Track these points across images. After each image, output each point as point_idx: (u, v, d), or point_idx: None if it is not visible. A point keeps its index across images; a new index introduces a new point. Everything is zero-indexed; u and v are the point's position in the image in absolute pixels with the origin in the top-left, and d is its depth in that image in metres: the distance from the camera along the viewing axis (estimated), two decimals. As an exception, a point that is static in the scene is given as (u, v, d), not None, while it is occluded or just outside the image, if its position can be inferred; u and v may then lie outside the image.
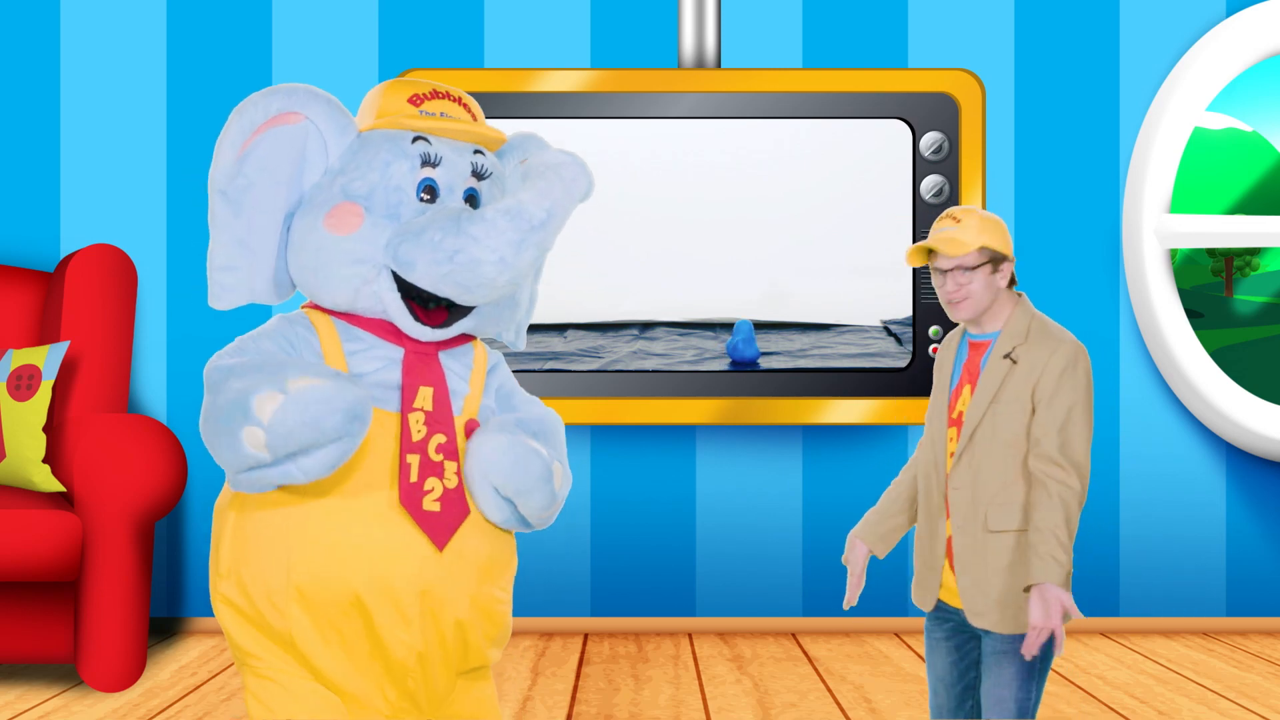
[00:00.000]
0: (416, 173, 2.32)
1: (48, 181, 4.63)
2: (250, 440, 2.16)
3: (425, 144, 2.33)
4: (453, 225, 2.23)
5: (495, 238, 2.21)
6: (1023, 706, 2.51)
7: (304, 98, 2.38)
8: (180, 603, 4.59)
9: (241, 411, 2.16)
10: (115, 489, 3.72)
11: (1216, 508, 4.67)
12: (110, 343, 4.16)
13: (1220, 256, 4.74)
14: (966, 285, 2.54)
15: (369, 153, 2.34)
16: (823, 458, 4.64)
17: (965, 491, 2.54)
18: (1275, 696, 3.78)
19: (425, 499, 2.27)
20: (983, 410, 2.52)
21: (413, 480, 2.27)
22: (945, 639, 2.63)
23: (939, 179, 4.33)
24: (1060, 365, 2.50)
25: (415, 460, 2.28)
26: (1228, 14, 4.64)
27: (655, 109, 4.35)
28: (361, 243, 2.28)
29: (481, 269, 2.21)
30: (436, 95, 2.38)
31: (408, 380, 2.31)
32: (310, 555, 2.24)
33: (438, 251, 2.22)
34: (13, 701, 3.65)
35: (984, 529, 2.51)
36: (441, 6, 4.64)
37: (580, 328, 4.35)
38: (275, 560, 2.26)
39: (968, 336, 2.63)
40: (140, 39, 4.63)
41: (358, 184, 2.31)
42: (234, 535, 2.31)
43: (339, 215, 2.30)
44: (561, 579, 4.59)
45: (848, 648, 4.37)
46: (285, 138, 2.36)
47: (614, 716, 3.54)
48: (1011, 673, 2.51)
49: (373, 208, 2.29)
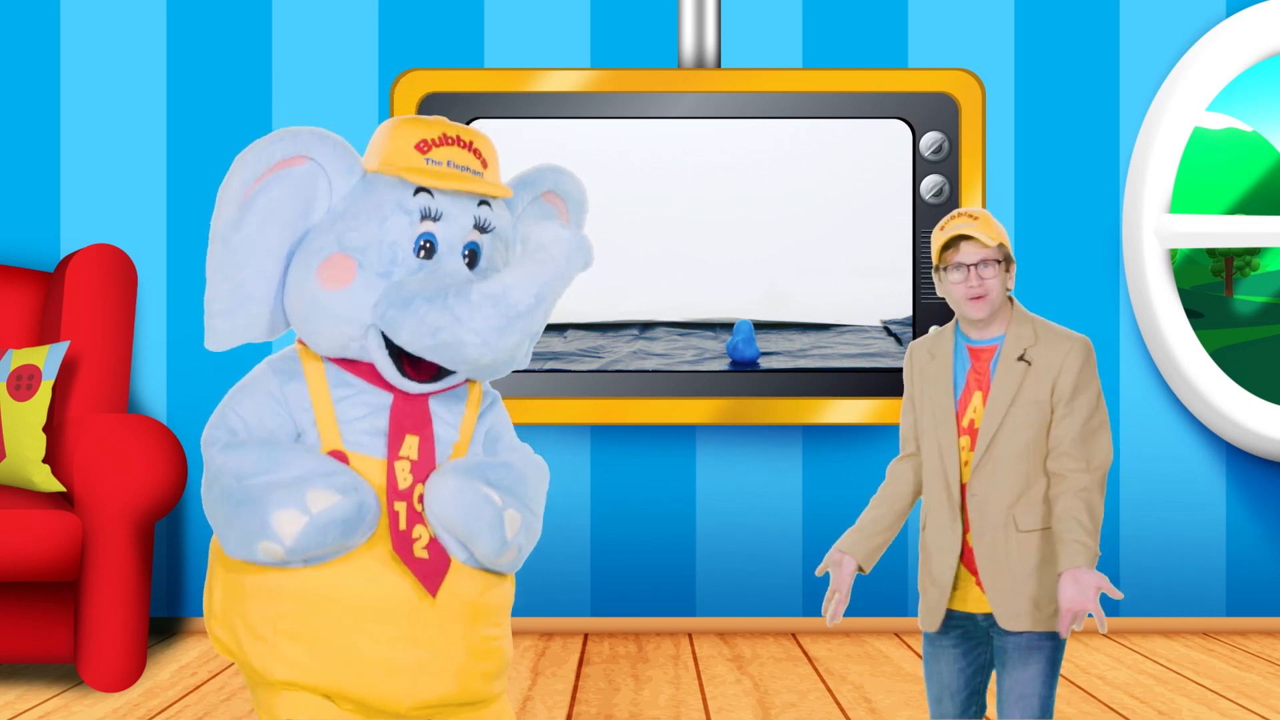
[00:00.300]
0: (415, 227, 2.26)
1: (48, 181, 4.63)
2: (268, 551, 2.21)
3: (427, 197, 2.27)
4: (439, 300, 2.19)
5: (479, 321, 2.18)
6: (1046, 704, 2.51)
7: (309, 140, 2.31)
8: (180, 603, 4.59)
9: (260, 524, 2.19)
10: (115, 489, 3.72)
11: (1216, 508, 4.67)
12: (110, 343, 4.16)
13: (1220, 256, 4.74)
14: (989, 280, 2.53)
15: (369, 201, 2.28)
16: (823, 458, 4.64)
17: (989, 498, 2.52)
18: (1275, 696, 3.79)
19: (415, 546, 2.27)
20: (1001, 415, 2.51)
21: (401, 528, 2.26)
22: (953, 646, 2.61)
23: (939, 179, 4.33)
24: (1078, 364, 2.51)
25: (403, 508, 2.27)
26: (1228, 14, 4.65)
27: (655, 109, 4.35)
28: (351, 300, 2.25)
29: (465, 349, 2.19)
30: (446, 141, 2.30)
31: (394, 429, 2.29)
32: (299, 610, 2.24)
33: (422, 325, 2.19)
34: (13, 701, 3.65)
35: (1015, 530, 2.50)
36: (441, 6, 4.64)
37: (580, 328, 4.35)
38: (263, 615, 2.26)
39: (966, 343, 2.60)
40: (140, 40, 4.63)
41: (353, 235, 2.27)
42: (224, 584, 2.32)
43: (332, 269, 2.26)
44: (561, 579, 4.60)
45: (848, 648, 4.37)
46: (289, 182, 2.30)
47: (614, 716, 3.54)
48: (1037, 670, 2.51)
49: (366, 263, 2.25)
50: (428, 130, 2.31)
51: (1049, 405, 2.51)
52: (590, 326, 4.37)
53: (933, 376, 2.62)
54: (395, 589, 2.25)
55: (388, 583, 2.25)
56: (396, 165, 2.28)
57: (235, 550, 2.24)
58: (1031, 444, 2.50)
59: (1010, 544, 2.51)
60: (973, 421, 2.56)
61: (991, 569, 2.52)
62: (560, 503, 4.59)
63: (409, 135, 2.30)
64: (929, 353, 2.64)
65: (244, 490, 2.22)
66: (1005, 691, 2.54)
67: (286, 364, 2.35)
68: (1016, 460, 2.51)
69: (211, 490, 2.28)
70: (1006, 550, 2.51)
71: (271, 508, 2.19)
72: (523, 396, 4.20)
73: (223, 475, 2.26)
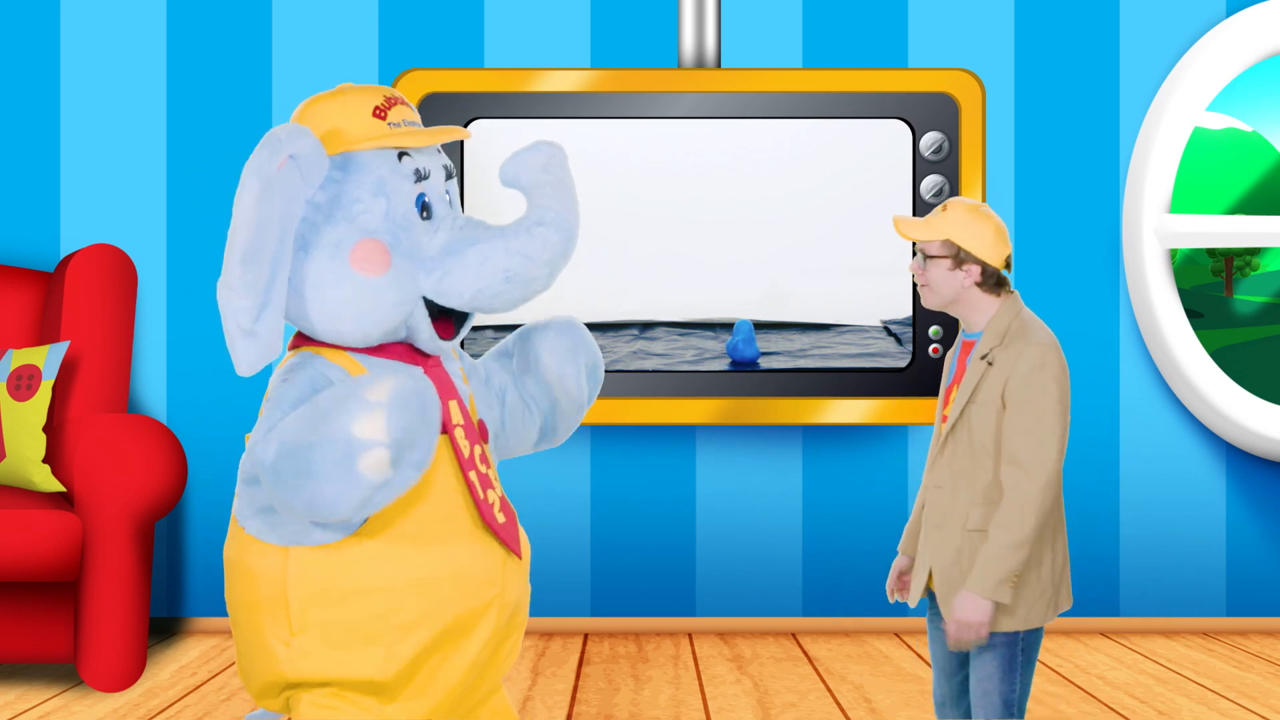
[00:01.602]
0: (414, 190, 2.27)
1: (48, 181, 4.63)
2: (372, 467, 2.07)
3: (410, 159, 2.28)
4: (499, 243, 2.24)
5: (548, 251, 2.24)
6: (1007, 699, 2.52)
7: (286, 139, 2.22)
8: (180, 603, 4.59)
9: (345, 451, 2.06)
10: (115, 489, 3.72)
11: (1216, 508, 4.67)
12: (110, 343, 4.16)
13: (1220, 256, 4.74)
14: (924, 272, 2.57)
15: (364, 180, 2.25)
16: (823, 458, 4.64)
17: (945, 490, 2.57)
18: (1275, 696, 3.79)
19: (494, 512, 2.29)
20: (960, 410, 2.54)
21: (481, 497, 2.28)
22: (942, 627, 2.64)
23: (939, 179, 4.33)
24: (1025, 369, 2.50)
25: (475, 477, 2.28)
26: (1228, 14, 4.64)
27: (655, 109, 4.35)
28: (397, 281, 2.23)
29: (533, 285, 2.25)
30: (392, 103, 2.30)
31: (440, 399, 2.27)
32: (413, 598, 2.22)
33: (490, 277, 2.23)
34: (13, 701, 3.65)
35: (963, 528, 2.53)
36: (441, 6, 4.64)
37: (580, 328, 4.35)
38: (371, 609, 2.21)
39: (962, 335, 2.64)
40: (140, 39, 4.63)
41: (367, 217, 2.24)
42: (310, 595, 2.21)
43: (366, 255, 2.23)
44: (561, 579, 4.59)
45: (848, 648, 4.37)
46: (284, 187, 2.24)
47: (614, 716, 3.54)
48: (992, 667, 2.53)
49: (394, 241, 2.24)
50: (370, 97, 2.30)
51: (1002, 407, 2.51)
52: (590, 326, 4.36)
53: (945, 366, 2.69)
54: (481, 555, 2.27)
55: (474, 552, 2.26)
56: (371, 138, 2.27)
57: (347, 503, 2.09)
58: (985, 444, 2.52)
59: (958, 540, 2.54)
60: (946, 414, 2.60)
61: (939, 559, 2.56)
62: (560, 503, 4.59)
63: (358, 107, 2.28)
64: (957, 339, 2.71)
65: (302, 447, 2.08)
66: (970, 685, 2.58)
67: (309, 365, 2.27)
68: (971, 458, 2.54)
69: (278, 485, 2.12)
70: (956, 545, 2.54)
71: (343, 430, 2.07)
72: (523, 396, 4.20)
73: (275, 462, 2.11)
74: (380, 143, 2.26)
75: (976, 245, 2.54)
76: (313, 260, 2.25)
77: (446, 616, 2.24)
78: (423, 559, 2.22)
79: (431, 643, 2.23)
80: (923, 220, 2.58)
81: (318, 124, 2.29)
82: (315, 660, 2.21)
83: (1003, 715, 2.52)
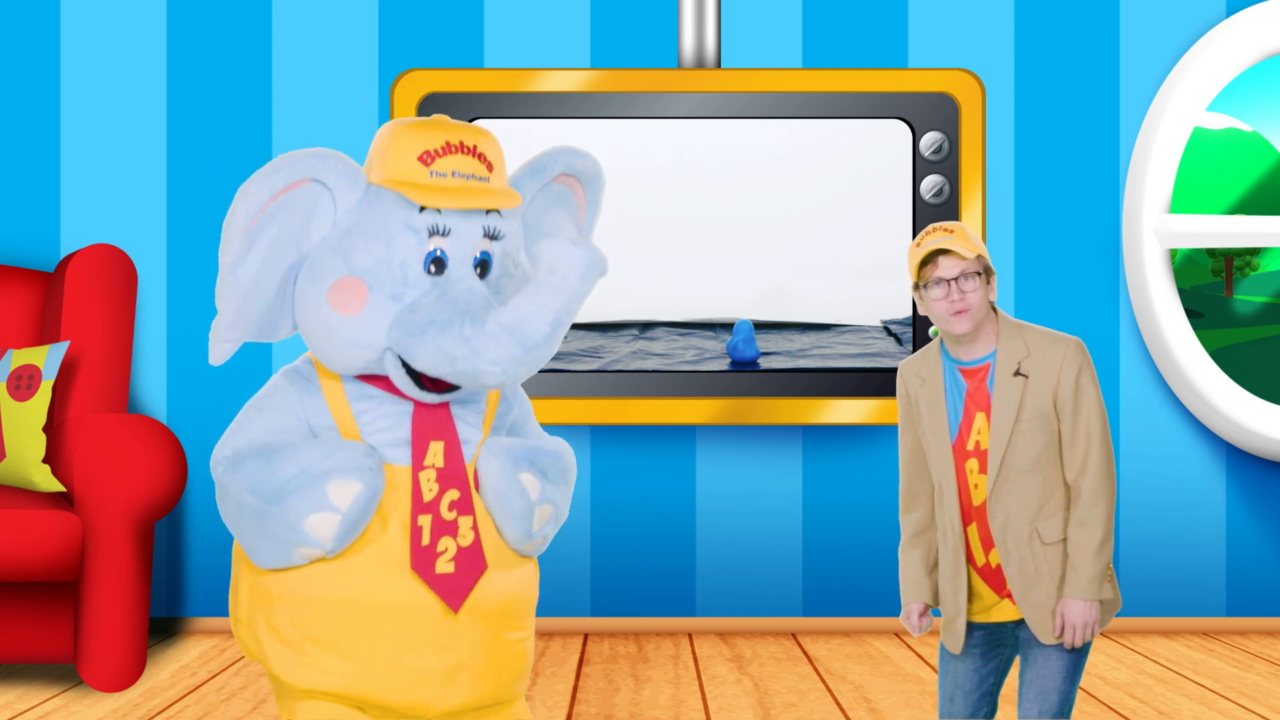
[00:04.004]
0: (424, 245, 2.21)
1: (48, 181, 4.63)
2: (308, 557, 2.23)
3: (434, 213, 2.21)
4: (455, 328, 2.16)
5: (497, 351, 2.15)
6: (1067, 697, 2.53)
7: (309, 163, 2.24)
8: (180, 603, 4.59)
9: (292, 532, 2.21)
10: (115, 489, 3.72)
11: (1216, 508, 4.67)
12: (110, 343, 4.16)
13: (1220, 256, 4.74)
14: (971, 294, 2.48)
15: (375, 220, 2.23)
16: (823, 458, 4.64)
17: (1010, 517, 2.50)
18: (1275, 696, 3.79)
19: (438, 561, 2.24)
20: (1007, 434, 2.48)
21: (424, 544, 2.23)
22: (974, 647, 2.61)
23: (939, 179, 4.33)
24: (1075, 369, 2.48)
25: (427, 522, 2.24)
26: (1228, 14, 4.64)
27: (655, 109, 4.35)
28: (365, 326, 2.20)
29: (483, 378, 2.17)
30: (449, 150, 2.22)
31: (417, 437, 2.26)
32: (325, 616, 2.24)
33: (439, 354, 2.16)
34: (13, 701, 3.65)
35: (1041, 544, 2.49)
36: (441, 6, 4.64)
37: (580, 328, 4.35)
38: (290, 619, 2.26)
39: (958, 365, 2.55)
40: (140, 39, 4.63)
41: (361, 256, 2.21)
42: (250, 588, 2.32)
43: (343, 293, 2.21)
44: (561, 579, 4.59)
45: (848, 648, 4.37)
46: (292, 207, 2.25)
47: (614, 716, 3.54)
48: (1059, 666, 2.51)
49: (376, 284, 2.20)
50: (430, 138, 2.23)
51: (1054, 415, 2.48)
52: (590, 326, 4.37)
53: (926, 402, 2.57)
54: (418, 597, 2.24)
55: (410, 591, 2.24)
56: (400, 180, 2.22)
57: (269, 561, 2.24)
58: (1043, 456, 2.48)
59: (1039, 558, 2.50)
60: (979, 444, 2.51)
61: (1024, 586, 2.51)
62: (560, 503, 4.59)
63: (411, 145, 2.23)
64: (919, 376, 2.59)
65: (262, 503, 2.23)
66: (1026, 685, 2.55)
67: (303, 378, 2.32)
68: (1030, 476, 2.49)
69: (227, 507, 2.30)
70: (1035, 566, 2.50)
71: (300, 515, 2.19)
72: (523, 396, 4.20)
73: (235, 492, 2.27)
74: (401, 189, 2.22)
75: (988, 256, 2.53)
76: (304, 278, 2.26)
77: (355, 641, 2.23)
78: (343, 581, 2.23)
79: (343, 660, 2.25)
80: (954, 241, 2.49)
81: (377, 149, 2.27)
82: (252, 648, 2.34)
83: (1059, 714, 2.51)
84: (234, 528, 2.30)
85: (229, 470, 2.29)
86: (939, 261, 2.49)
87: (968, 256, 2.47)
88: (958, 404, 2.55)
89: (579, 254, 2.19)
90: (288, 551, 2.22)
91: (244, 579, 2.33)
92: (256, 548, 2.25)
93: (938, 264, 2.49)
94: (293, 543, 2.20)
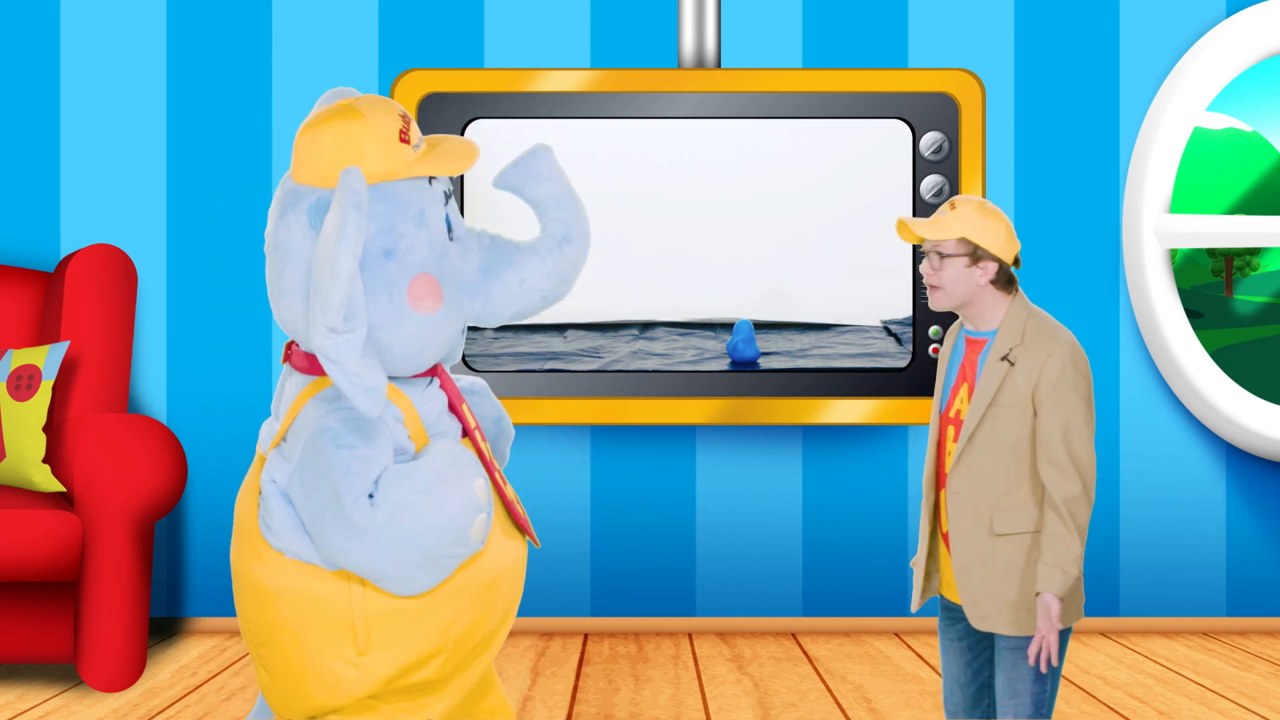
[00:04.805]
0: (443, 215, 2.30)
1: (48, 181, 4.63)
2: (461, 559, 2.28)
3: (438, 181, 2.30)
4: (534, 264, 2.33)
5: (576, 267, 2.37)
6: (1038, 700, 2.51)
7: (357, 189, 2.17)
8: (180, 603, 4.59)
9: (460, 541, 2.23)
10: (115, 489, 3.72)
11: (1216, 508, 4.67)
12: (110, 343, 4.16)
13: (1220, 256, 4.74)
14: (939, 272, 2.52)
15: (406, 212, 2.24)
16: (823, 458, 4.64)
17: (965, 496, 2.52)
18: (1275, 696, 3.79)
19: (515, 507, 2.40)
20: (981, 413, 2.50)
21: (509, 496, 2.41)
22: (958, 639, 2.62)
23: (939, 179, 4.33)
24: (1057, 368, 2.47)
25: (500, 477, 2.40)
26: (1228, 14, 4.64)
27: (655, 109, 4.35)
28: (450, 314, 2.29)
29: (560, 299, 2.38)
30: (407, 121, 2.28)
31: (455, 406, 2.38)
32: (469, 604, 2.30)
33: (528, 298, 2.34)
34: (13, 701, 3.65)
35: (989, 533, 2.50)
36: (441, 6, 4.64)
37: (580, 328, 4.35)
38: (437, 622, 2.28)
39: (965, 333, 2.60)
40: (140, 39, 4.63)
41: (414, 251, 2.23)
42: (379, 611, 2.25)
43: (422, 293, 2.24)
44: (561, 579, 4.59)
45: (848, 648, 4.37)
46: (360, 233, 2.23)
47: (614, 716, 3.54)
48: (1026, 669, 2.50)
49: (439, 272, 2.26)
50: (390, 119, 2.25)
51: (1030, 407, 2.49)
52: (590, 326, 4.37)
53: (940, 360, 2.65)
54: (518, 547, 2.40)
55: (517, 544, 2.40)
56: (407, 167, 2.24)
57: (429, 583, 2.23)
58: (1014, 446, 2.48)
59: (983, 546, 2.50)
60: (959, 413, 2.55)
61: (963, 566, 2.53)
62: (560, 503, 4.59)
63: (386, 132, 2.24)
64: (950, 335, 2.66)
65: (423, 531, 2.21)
66: (998, 687, 2.55)
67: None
68: (996, 461, 2.49)
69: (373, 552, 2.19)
70: (979, 552, 2.51)
71: (468, 528, 2.24)
72: (523, 396, 4.20)
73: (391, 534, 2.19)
74: (414, 171, 2.24)
75: (992, 242, 2.50)
76: (373, 304, 2.20)
77: (495, 616, 2.30)
78: (476, 567, 2.29)
79: (479, 643, 2.28)
80: (930, 220, 2.53)
81: (347, 152, 2.22)
82: (384, 677, 2.23)
83: (1034, 715, 2.51)
84: (380, 569, 2.20)
85: (370, 514, 2.20)
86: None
87: (936, 236, 2.52)
88: (954, 368, 2.60)
89: (545, 153, 2.38)
90: (452, 565, 2.25)
91: (360, 614, 2.24)
92: (415, 579, 2.22)
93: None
94: (459, 556, 2.24)
